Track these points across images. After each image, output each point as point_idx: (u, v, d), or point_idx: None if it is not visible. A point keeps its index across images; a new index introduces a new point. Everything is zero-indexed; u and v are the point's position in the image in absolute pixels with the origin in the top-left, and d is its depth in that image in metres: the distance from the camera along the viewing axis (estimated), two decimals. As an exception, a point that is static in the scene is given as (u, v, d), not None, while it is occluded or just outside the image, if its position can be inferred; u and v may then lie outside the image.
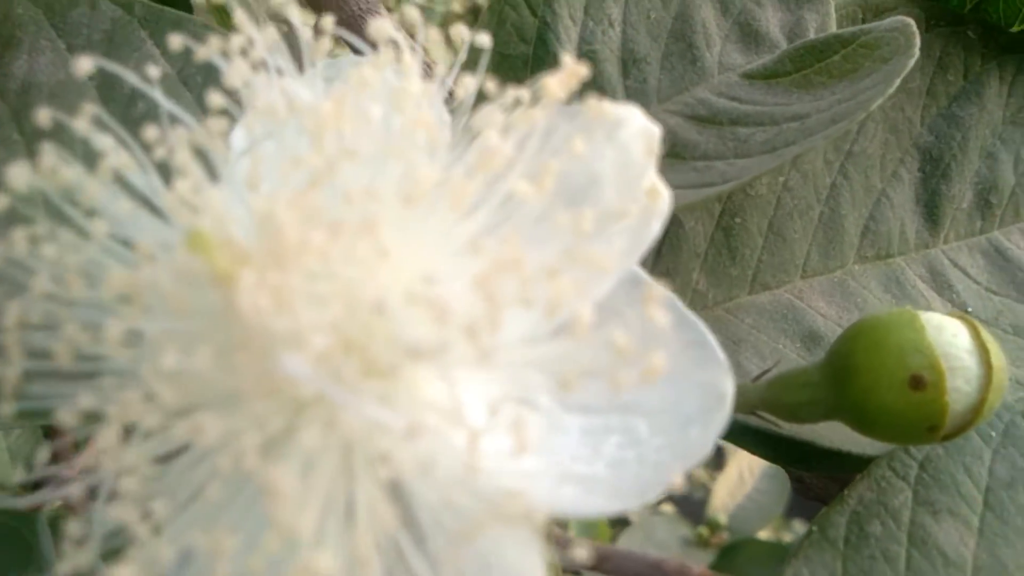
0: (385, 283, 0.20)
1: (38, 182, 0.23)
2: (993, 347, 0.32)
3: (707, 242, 0.43)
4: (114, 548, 0.21)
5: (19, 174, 0.23)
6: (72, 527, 0.20)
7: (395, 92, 0.23)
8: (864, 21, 0.45)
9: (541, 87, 0.23)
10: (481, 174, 0.22)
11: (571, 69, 0.23)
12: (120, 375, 0.21)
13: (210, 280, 0.20)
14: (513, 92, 0.24)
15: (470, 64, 0.26)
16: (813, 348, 0.43)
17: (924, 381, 0.31)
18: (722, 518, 1.64)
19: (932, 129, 0.49)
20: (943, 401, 0.31)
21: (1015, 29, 0.51)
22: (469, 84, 0.24)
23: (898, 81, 0.33)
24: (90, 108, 0.25)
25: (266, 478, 0.19)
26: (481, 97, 0.26)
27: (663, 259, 0.42)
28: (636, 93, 0.40)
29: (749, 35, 0.41)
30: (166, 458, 0.21)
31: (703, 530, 1.60)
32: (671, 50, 0.40)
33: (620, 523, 1.73)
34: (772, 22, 0.41)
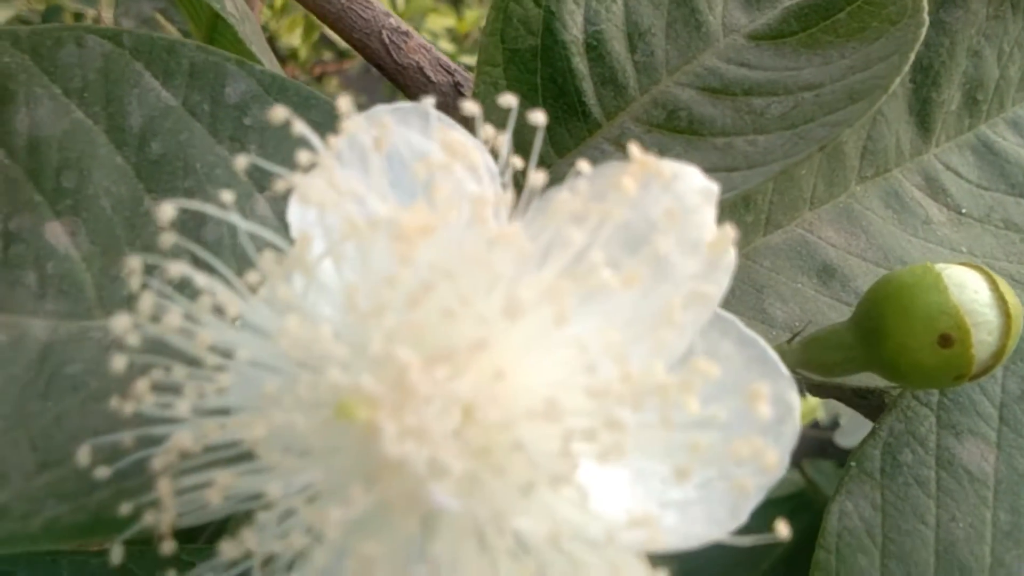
0: (507, 404, 0.22)
1: (145, 328, 0.24)
2: (1010, 296, 0.35)
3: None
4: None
5: (123, 326, 0.24)
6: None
7: (473, 200, 0.24)
8: (855, -51, 0.45)
9: (618, 182, 0.24)
10: (572, 277, 0.23)
11: (641, 161, 0.24)
12: (276, 510, 0.23)
13: (347, 425, 0.22)
14: (576, 173, 0.25)
15: (523, 140, 0.27)
16: (828, 281, 0.46)
17: (952, 339, 0.34)
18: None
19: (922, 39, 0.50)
20: (969, 354, 0.34)
21: (997, -77, 0.50)
22: (536, 179, 0.25)
23: (912, 55, 0.34)
24: (169, 237, 0.25)
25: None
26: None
27: (684, 221, 0.43)
28: (645, 68, 0.40)
29: (749, -10, 0.41)
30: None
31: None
32: (674, 17, 0.40)
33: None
34: (771, -27, 0.41)
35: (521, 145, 0.41)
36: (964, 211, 0.51)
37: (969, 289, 0.35)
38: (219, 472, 0.23)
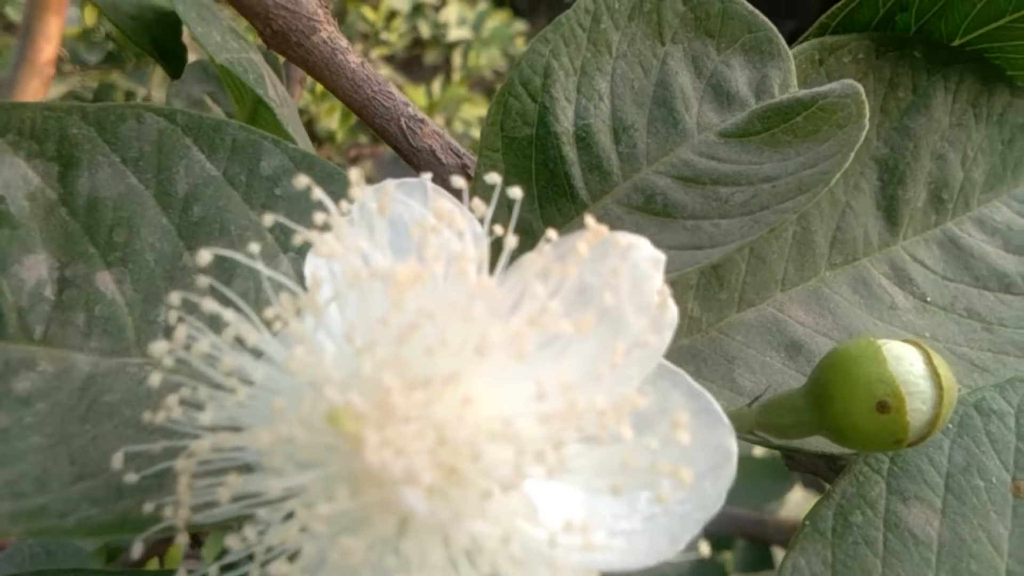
0: (471, 425, 0.27)
1: (179, 354, 0.29)
2: (943, 370, 0.39)
3: (698, 275, 0.49)
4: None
5: (161, 350, 0.29)
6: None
7: (455, 256, 0.29)
8: (821, 62, 0.51)
9: (572, 246, 0.29)
10: (534, 324, 0.28)
11: (595, 230, 0.29)
12: (273, 506, 0.27)
13: (337, 435, 0.26)
14: (545, 241, 0.30)
15: (503, 209, 0.32)
16: (795, 356, 0.50)
17: (888, 406, 0.38)
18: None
19: (887, 142, 0.56)
20: (905, 420, 0.38)
21: (956, 43, 0.56)
22: (511, 241, 0.30)
23: (852, 155, 0.39)
24: (205, 280, 0.31)
25: (405, 586, 0.25)
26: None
27: (662, 295, 0.48)
28: (628, 158, 0.45)
29: (722, 95, 0.46)
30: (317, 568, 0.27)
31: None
32: (655, 115, 0.46)
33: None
34: (741, 80, 0.46)
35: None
36: (929, 299, 0.56)
37: (905, 361, 0.39)
38: (230, 476, 0.28)
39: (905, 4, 0.54)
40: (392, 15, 3.61)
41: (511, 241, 0.30)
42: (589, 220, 0.29)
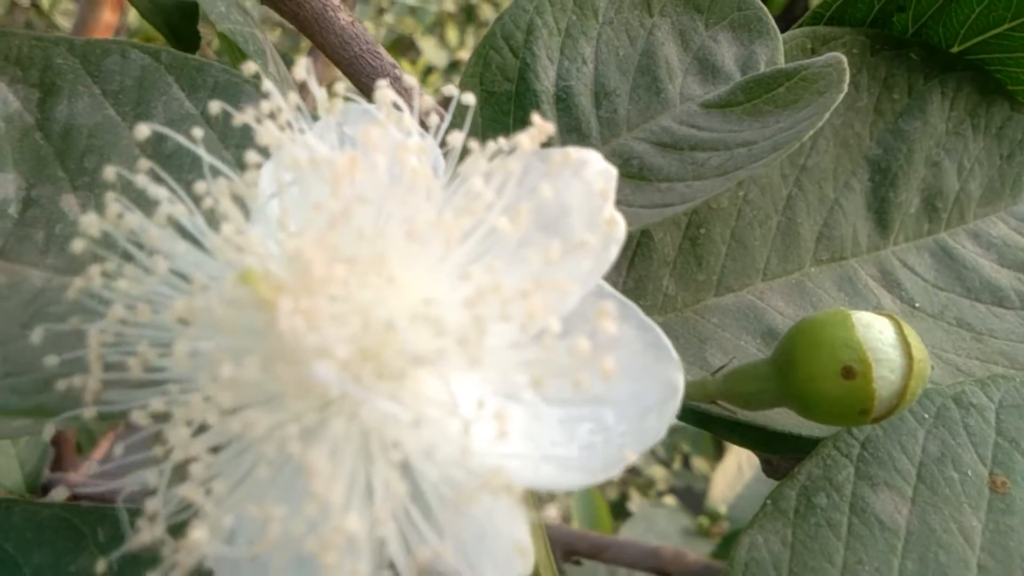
0: (393, 305, 0.26)
1: (107, 227, 0.28)
2: (914, 340, 0.37)
3: (675, 251, 0.48)
4: (179, 523, 0.26)
5: (90, 222, 0.28)
6: (149, 504, 0.25)
7: (397, 146, 0.28)
8: (813, 51, 0.50)
9: (516, 142, 0.28)
10: (468, 214, 0.27)
11: (540, 126, 0.28)
12: (182, 382, 0.26)
13: (254, 305, 0.25)
14: (493, 144, 0.29)
15: (459, 117, 0.32)
16: (771, 343, 0.49)
17: (854, 371, 0.36)
18: (722, 508, 1.69)
19: (880, 143, 0.55)
20: (871, 388, 0.36)
21: (955, 49, 0.56)
22: (457, 138, 0.29)
23: (827, 115, 0.38)
24: (145, 163, 0.30)
25: (305, 460, 0.24)
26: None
27: (635, 268, 0.47)
28: (608, 123, 0.45)
29: (707, 68, 0.46)
30: (223, 446, 0.26)
31: (703, 520, 1.63)
32: (638, 83, 0.45)
33: (622, 514, 1.79)
34: (727, 56, 0.46)
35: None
36: (918, 305, 0.54)
37: (875, 329, 0.37)
38: (141, 346, 0.27)
39: (903, 4, 0.53)
40: (429, 70, 3.69)
41: (458, 138, 0.29)
42: (535, 118, 0.28)
